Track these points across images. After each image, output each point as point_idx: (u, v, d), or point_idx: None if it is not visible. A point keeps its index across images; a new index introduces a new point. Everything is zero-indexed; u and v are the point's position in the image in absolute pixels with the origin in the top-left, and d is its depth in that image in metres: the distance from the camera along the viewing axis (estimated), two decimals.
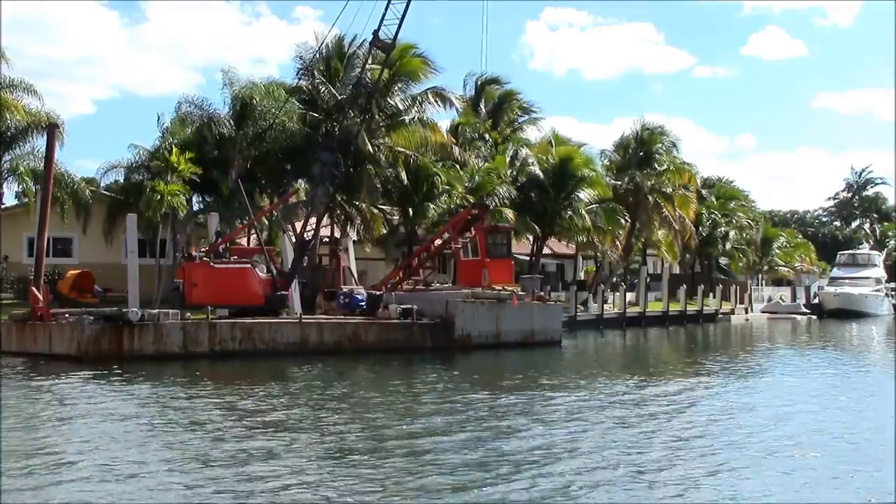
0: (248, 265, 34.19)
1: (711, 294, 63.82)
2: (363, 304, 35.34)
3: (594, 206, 54.29)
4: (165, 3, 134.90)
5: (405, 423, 18.17)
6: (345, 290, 36.82)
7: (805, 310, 71.01)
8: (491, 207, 44.27)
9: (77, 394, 21.82)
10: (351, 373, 27.72)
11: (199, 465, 14.03)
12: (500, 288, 37.22)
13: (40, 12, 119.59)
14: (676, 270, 75.21)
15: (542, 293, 40.82)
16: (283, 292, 34.50)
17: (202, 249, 36.53)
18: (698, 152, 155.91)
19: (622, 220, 57.37)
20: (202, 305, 31.36)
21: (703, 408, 21.36)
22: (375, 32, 36.43)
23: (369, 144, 42.62)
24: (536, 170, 52.71)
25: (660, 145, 63.84)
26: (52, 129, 34.82)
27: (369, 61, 39.29)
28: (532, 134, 60.21)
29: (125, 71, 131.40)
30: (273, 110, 41.77)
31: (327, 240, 44.37)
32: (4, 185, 41.37)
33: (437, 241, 41.09)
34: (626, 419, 19.00)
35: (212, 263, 33.65)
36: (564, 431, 17.36)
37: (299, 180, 45.75)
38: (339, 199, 42.46)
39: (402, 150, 44.88)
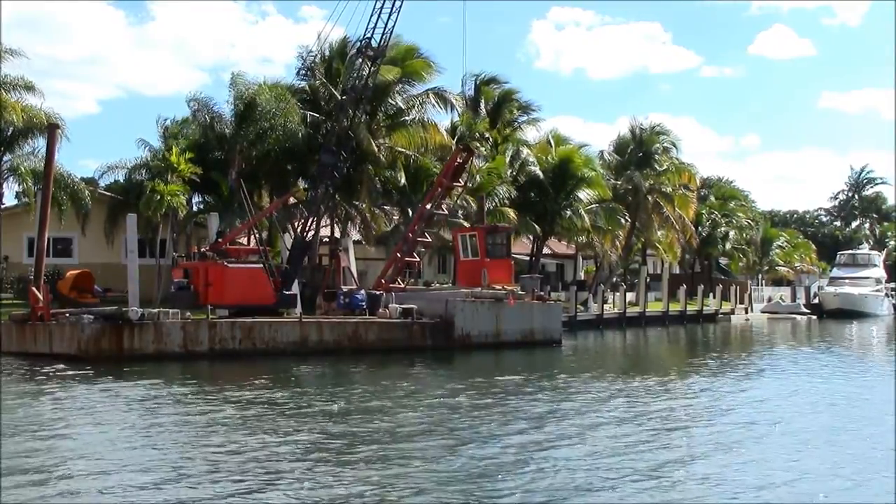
0: (261, 265, 34.24)
1: (711, 294, 63.80)
2: (363, 304, 35.37)
3: (594, 206, 54.31)
4: (172, 2, 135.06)
5: (405, 424, 18.18)
6: (345, 290, 36.85)
7: (805, 310, 70.94)
8: (476, 151, 43.01)
9: (77, 394, 21.83)
10: (351, 373, 27.72)
11: (199, 465, 14.06)
12: (500, 287, 37.23)
13: (45, 11, 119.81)
14: (676, 270, 75.22)
15: (541, 293, 40.81)
16: (293, 292, 34.51)
17: (203, 249, 36.51)
18: (703, 152, 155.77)
19: (622, 220, 57.39)
20: (219, 306, 31.41)
21: (703, 407, 21.41)
22: (363, 41, 36.47)
23: (373, 144, 42.58)
24: (536, 170, 52.75)
25: (658, 145, 63.84)
26: (52, 129, 34.81)
27: (364, 68, 39.12)
28: (531, 134, 60.21)
29: (130, 70, 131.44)
30: (274, 111, 41.76)
31: (327, 240, 44.34)
32: (4, 185, 41.42)
33: (429, 205, 39.90)
34: (627, 418, 19.04)
35: (225, 263, 33.70)
36: (566, 431, 17.38)
37: (300, 180, 45.69)
38: (339, 199, 42.40)
39: (403, 150, 44.89)
